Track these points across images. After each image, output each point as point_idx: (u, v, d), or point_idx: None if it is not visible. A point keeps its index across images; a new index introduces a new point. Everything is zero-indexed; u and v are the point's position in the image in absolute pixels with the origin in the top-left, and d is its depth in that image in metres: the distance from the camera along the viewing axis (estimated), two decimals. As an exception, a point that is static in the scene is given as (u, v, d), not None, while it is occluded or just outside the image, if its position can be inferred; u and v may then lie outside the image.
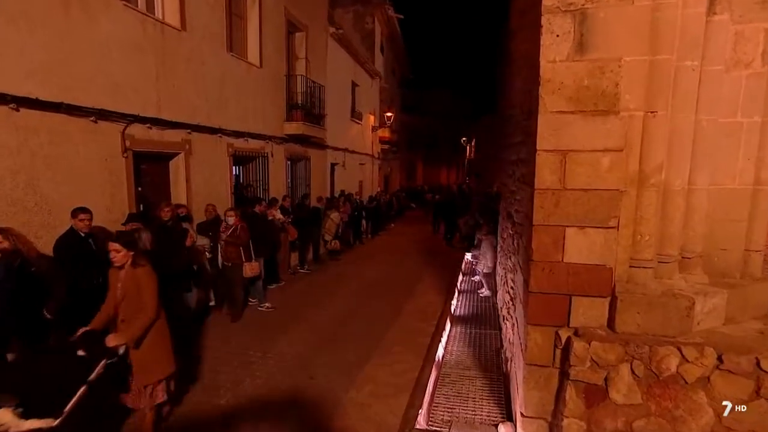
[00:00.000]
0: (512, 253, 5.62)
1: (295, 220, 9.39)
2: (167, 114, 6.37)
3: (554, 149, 3.26)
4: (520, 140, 5.69)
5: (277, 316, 7.10)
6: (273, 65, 9.48)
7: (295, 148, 10.60)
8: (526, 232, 3.94)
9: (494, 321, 7.07)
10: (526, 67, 4.93)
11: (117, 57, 5.47)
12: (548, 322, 3.45)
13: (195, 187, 7.08)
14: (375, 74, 17.82)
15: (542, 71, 3.22)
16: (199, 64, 7.06)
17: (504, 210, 7.79)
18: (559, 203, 3.31)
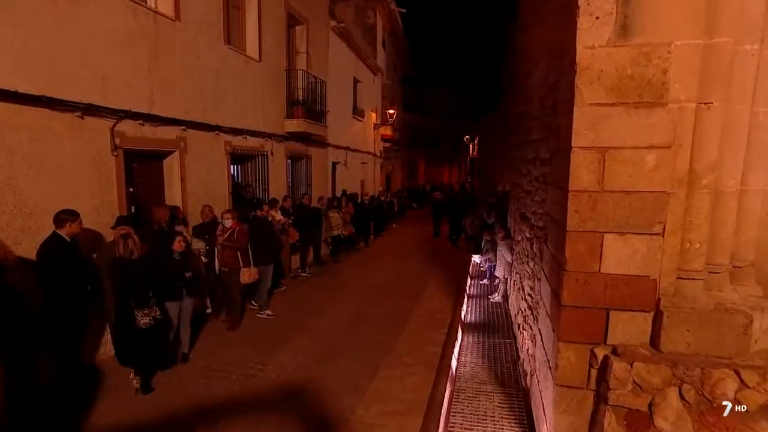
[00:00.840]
0: (530, 258, 5.30)
1: (296, 221, 9.06)
2: (161, 110, 6.03)
3: (592, 146, 2.94)
4: (538, 137, 5.36)
5: (278, 324, 6.78)
6: (273, 59, 9.14)
7: (295, 146, 10.27)
8: (553, 237, 3.62)
9: (507, 329, 6.75)
10: (548, 59, 4.61)
11: (106, 48, 5.14)
12: (582, 339, 3.13)
13: (191, 188, 6.74)
14: (377, 70, 17.49)
15: (579, 58, 2.89)
16: (195, 57, 6.72)
17: (516, 211, 7.47)
18: (596, 207, 2.98)
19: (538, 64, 5.52)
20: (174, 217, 6.10)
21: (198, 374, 5.12)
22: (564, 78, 3.54)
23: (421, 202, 26.82)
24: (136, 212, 5.89)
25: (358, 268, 10.71)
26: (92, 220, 4.98)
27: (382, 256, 12.16)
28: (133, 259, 4.33)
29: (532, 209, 5.61)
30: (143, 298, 4.36)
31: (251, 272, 6.45)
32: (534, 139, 5.70)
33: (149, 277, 4.45)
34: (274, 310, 7.31)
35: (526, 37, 7.43)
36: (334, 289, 8.80)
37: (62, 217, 4.27)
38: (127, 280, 4.30)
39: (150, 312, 4.37)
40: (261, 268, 7.02)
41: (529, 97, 6.32)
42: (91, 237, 4.88)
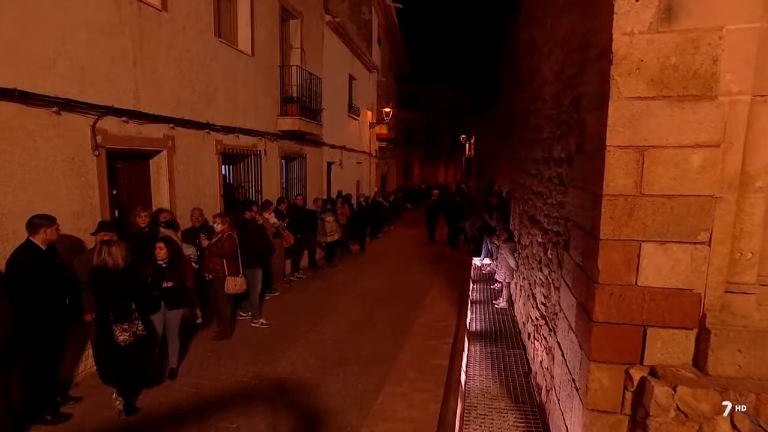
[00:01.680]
0: (543, 264, 5.02)
1: (290, 223, 8.73)
2: (146, 106, 5.68)
3: (629, 145, 2.66)
4: (550, 136, 5.09)
5: (273, 334, 6.45)
6: (266, 54, 8.80)
7: (289, 145, 9.93)
8: (578, 245, 3.33)
9: (515, 337, 6.48)
10: (564, 52, 4.32)
11: (86, 38, 4.78)
12: (616, 359, 2.85)
13: (179, 190, 6.39)
14: (373, 67, 17.17)
15: (615, 47, 2.60)
16: (183, 50, 6.37)
17: (523, 214, 7.20)
18: (633, 213, 2.70)
19: (548, 59, 5.25)
20: (157, 219, 5.75)
21: (188, 391, 4.78)
22: (589, 70, 3.26)
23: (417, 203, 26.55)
24: (120, 217, 5.54)
25: (354, 273, 10.39)
26: (71, 226, 4.62)
27: (378, 260, 11.85)
28: (110, 268, 3.98)
29: (544, 212, 5.34)
30: (123, 311, 4.02)
31: (237, 282, 6.04)
32: (545, 137, 5.42)
33: (129, 288, 4.10)
34: (269, 318, 6.97)
35: (531, 32, 7.16)
36: (330, 294, 8.48)
37: (36, 222, 3.92)
38: (104, 291, 3.95)
39: (130, 327, 4.02)
40: (249, 273, 6.69)
41: (538, 93, 6.05)
42: (69, 244, 4.52)
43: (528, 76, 7.40)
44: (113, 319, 3.95)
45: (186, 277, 5.14)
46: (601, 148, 2.80)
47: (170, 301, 4.85)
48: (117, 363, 4.04)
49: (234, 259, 6.05)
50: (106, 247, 4.02)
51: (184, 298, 5.05)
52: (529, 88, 7.11)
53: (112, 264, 3.98)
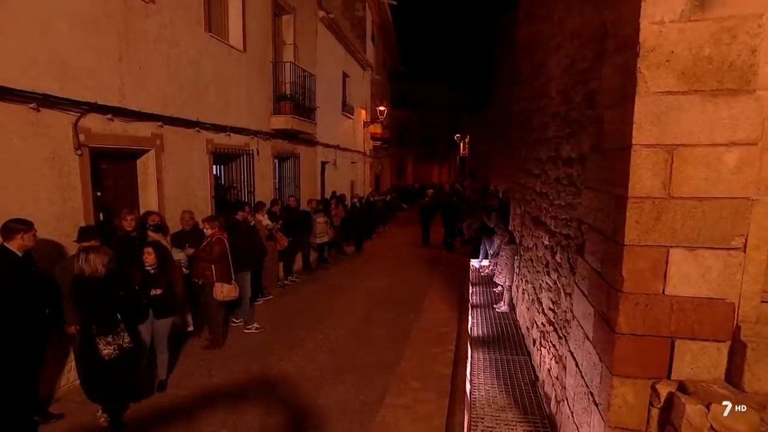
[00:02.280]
0: (551, 269, 4.84)
1: (284, 225, 8.49)
2: (133, 103, 5.42)
3: (657, 143, 2.47)
4: (557, 134, 4.91)
5: (267, 340, 6.22)
6: (258, 50, 8.55)
7: (283, 144, 9.68)
8: (596, 250, 3.15)
9: (519, 343, 6.29)
10: (575, 45, 4.14)
11: (67, 30, 4.52)
12: (641, 374, 2.67)
13: (168, 191, 6.13)
14: (366, 65, 16.95)
15: (642, 37, 2.42)
16: (172, 45, 6.11)
17: (525, 215, 7.03)
18: (661, 216, 2.52)
19: (555, 54, 5.07)
20: (144, 223, 5.49)
21: (178, 405, 4.54)
22: (607, 64, 3.08)
23: (411, 203, 26.38)
24: (105, 220, 5.27)
25: (349, 275, 10.18)
26: (51, 230, 4.36)
27: (374, 261, 11.65)
28: (89, 276, 3.72)
29: (550, 214, 5.17)
30: (106, 322, 3.77)
31: (225, 289, 5.75)
32: (551, 136, 5.25)
33: (111, 298, 3.85)
34: (263, 322, 6.75)
35: (532, 28, 7.00)
36: (326, 298, 8.26)
37: (11, 227, 3.65)
38: (85, 301, 3.69)
39: (115, 339, 3.78)
40: (239, 276, 6.45)
41: (542, 90, 5.87)
42: (49, 250, 4.26)
43: (529, 73, 7.23)
44: (96, 331, 3.70)
45: (175, 284, 4.89)
46: (624, 147, 2.61)
47: (159, 310, 4.61)
48: (102, 377, 3.80)
49: (223, 264, 5.79)
50: (83, 254, 3.76)
51: (173, 305, 4.80)
52: (531, 86, 6.94)
53: (90, 272, 3.72)
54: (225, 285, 5.77)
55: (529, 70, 7.31)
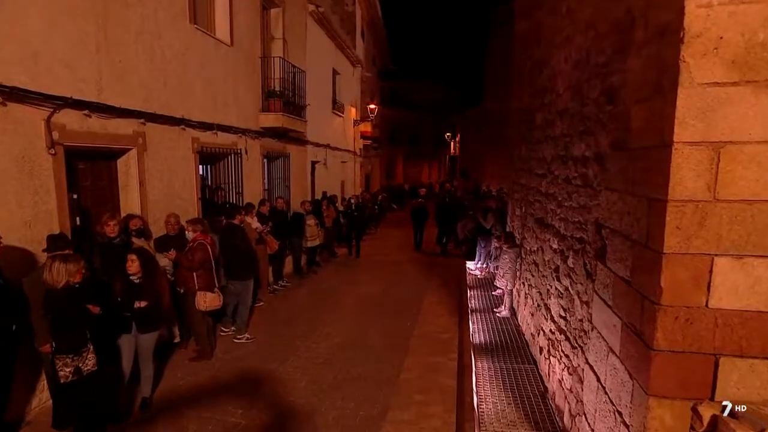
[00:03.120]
0: (563, 274, 4.63)
1: (274, 228, 8.17)
2: (112, 98, 5.07)
3: (701, 141, 2.25)
4: (566, 132, 4.70)
5: (260, 351, 5.90)
6: (246, 44, 8.22)
7: (272, 143, 9.36)
8: (623, 256, 2.93)
9: (523, 350, 6.08)
10: (591, 38, 3.93)
11: (39, 18, 4.16)
12: (681, 394, 2.45)
13: (152, 193, 5.78)
14: (357, 62, 16.67)
15: (687, 21, 2.19)
16: (155, 37, 5.76)
17: (528, 216, 6.83)
18: (705, 221, 2.30)
19: (564, 48, 4.86)
20: (127, 227, 5.14)
21: (163, 426, 4.21)
22: (635, 55, 2.86)
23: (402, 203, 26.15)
24: (83, 225, 4.91)
25: (342, 279, 9.90)
26: (21, 237, 4.01)
27: (367, 264, 11.37)
28: (59, 287, 3.39)
29: (559, 216, 4.96)
30: (69, 340, 3.42)
31: (208, 298, 5.38)
32: (558, 134, 5.04)
33: (80, 314, 3.50)
34: (254, 331, 6.44)
35: (533, 21, 6.80)
36: (318, 304, 7.96)
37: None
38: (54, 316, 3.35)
39: (74, 361, 3.42)
40: (239, 285, 6.14)
41: (547, 86, 5.67)
42: (18, 259, 3.91)
43: (529, 70, 7.04)
44: (56, 348, 3.36)
45: (162, 295, 4.55)
46: (661, 145, 2.39)
47: (143, 323, 4.27)
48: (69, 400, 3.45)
49: (206, 271, 5.39)
50: (49, 262, 3.42)
51: (159, 318, 4.47)
52: (532, 82, 6.74)
53: (52, 283, 3.38)
54: (208, 294, 5.40)
55: (530, 66, 7.11)
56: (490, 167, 21.84)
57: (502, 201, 10.19)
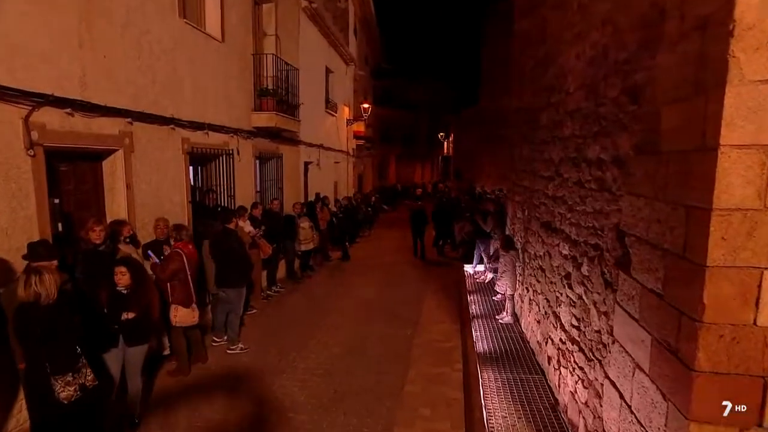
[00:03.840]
0: (576, 282, 4.44)
1: (267, 231, 7.91)
2: (97, 96, 4.79)
3: (752, 144, 2.08)
4: (579, 133, 4.52)
5: (254, 363, 5.65)
6: (238, 40, 7.95)
7: (264, 143, 9.09)
8: (653, 267, 2.74)
9: (529, 359, 5.91)
10: (609, 35, 3.75)
11: (15, 10, 3.88)
12: (725, 420, 2.27)
13: (139, 197, 5.50)
14: (350, 60, 16.43)
15: (738, 12, 2.01)
16: (142, 31, 5.48)
17: (532, 219, 6.66)
18: (754, 232, 2.13)
19: (575, 45, 4.69)
20: (115, 234, 4.86)
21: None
22: (666, 51, 2.68)
23: (394, 204, 25.95)
24: (66, 231, 4.63)
25: (337, 284, 9.66)
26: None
27: (361, 268, 11.13)
28: (43, 303, 3.12)
29: (569, 220, 4.78)
30: (63, 358, 3.16)
31: (180, 313, 4.97)
32: (569, 135, 4.87)
33: (69, 329, 3.24)
34: (247, 341, 6.18)
35: (537, 17, 6.63)
36: (314, 311, 7.72)
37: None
38: (36, 334, 3.08)
39: (76, 379, 3.18)
40: (232, 293, 5.89)
41: (552, 85, 5.50)
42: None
43: (532, 68, 6.87)
44: (51, 370, 3.09)
45: (151, 305, 4.27)
46: (703, 148, 2.21)
47: (131, 336, 4.01)
48: (58, 426, 3.19)
49: (180, 283, 4.96)
50: (35, 276, 3.14)
51: (148, 330, 4.20)
52: (536, 81, 6.57)
53: (46, 297, 3.12)
54: (180, 308, 5.01)
55: (532, 65, 6.95)
56: (485, 168, 21.72)
57: (500, 204, 10.01)
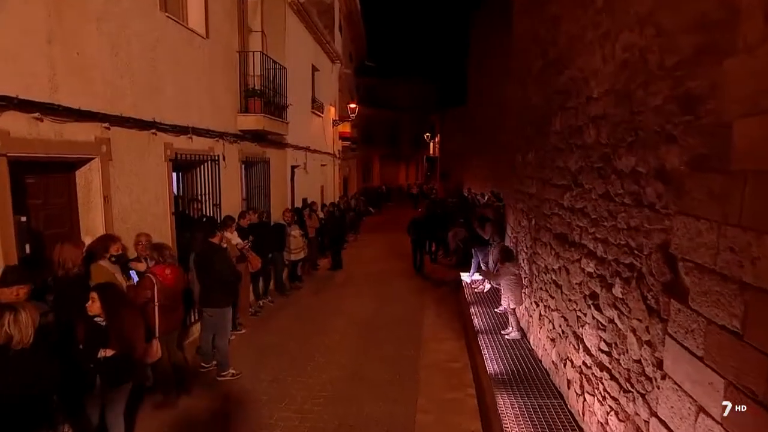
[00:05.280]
0: (606, 304, 4.17)
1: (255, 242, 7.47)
2: (69, 98, 4.30)
3: None
4: (602, 141, 4.26)
5: (248, 392, 5.24)
6: (223, 37, 7.48)
7: (251, 147, 8.63)
8: (732, 302, 2.46)
9: (543, 380, 5.62)
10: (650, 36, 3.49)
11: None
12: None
13: (118, 210, 5.01)
14: (336, 58, 16.00)
15: None
16: (120, 26, 5.00)
17: (541, 229, 6.39)
18: None
19: (598, 47, 4.43)
20: (94, 253, 4.39)
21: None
22: (746, 56, 2.40)
23: (380, 207, 25.60)
24: (35, 254, 4.13)
25: (328, 296, 9.27)
26: (-46, 276, 3.23)
27: (352, 278, 10.76)
28: (14, 348, 2.67)
29: (593, 235, 4.51)
30: (38, 417, 2.71)
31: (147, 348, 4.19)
32: (591, 143, 4.60)
33: (45, 378, 2.79)
34: (238, 365, 5.75)
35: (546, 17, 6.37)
36: (308, 328, 7.32)
37: None
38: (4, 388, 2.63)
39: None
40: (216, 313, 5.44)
41: (570, 89, 5.23)
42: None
43: (541, 70, 6.62)
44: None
45: (134, 339, 3.79)
46: None
47: (110, 377, 3.56)
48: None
49: (147, 313, 4.35)
50: (9, 314, 2.68)
51: (130, 368, 3.73)
52: (545, 83, 6.33)
53: (18, 342, 2.66)
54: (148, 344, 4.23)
55: (540, 66, 6.70)
56: (472, 169, 21.52)
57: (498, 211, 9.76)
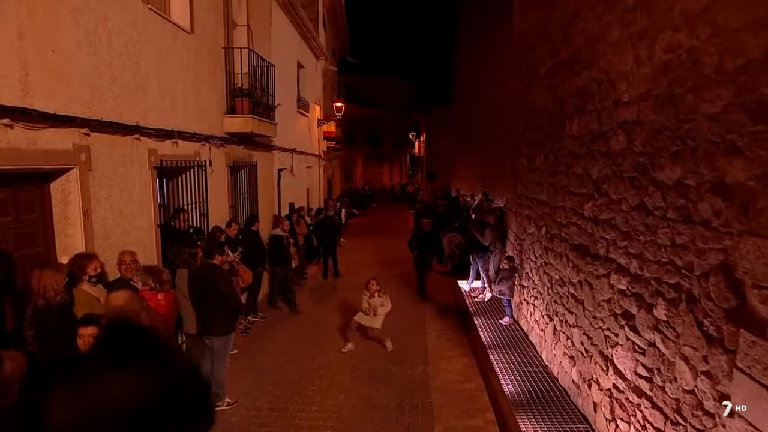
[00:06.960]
0: (645, 326, 3.95)
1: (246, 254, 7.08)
2: (44, 101, 3.86)
3: None
4: (634, 149, 4.06)
5: (246, 422, 4.90)
6: (208, 31, 7.06)
7: (238, 151, 8.21)
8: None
9: (564, 402, 5.40)
10: (706, 36, 3.28)
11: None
12: None
13: (99, 226, 4.57)
14: (321, 54, 15.60)
15: None
16: (99, 19, 4.57)
17: (554, 238, 6.18)
18: None
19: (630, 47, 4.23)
20: (73, 277, 3.95)
21: None
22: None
23: (364, 208, 25.27)
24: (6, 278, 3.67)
25: (322, 309, 8.92)
26: None
27: (345, 287, 10.40)
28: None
29: (624, 249, 4.30)
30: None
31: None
32: (621, 150, 4.40)
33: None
34: (234, 392, 5.40)
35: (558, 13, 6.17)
36: (305, 347, 6.98)
37: None
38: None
39: None
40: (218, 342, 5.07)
41: (591, 91, 5.03)
42: None
43: (551, 69, 6.43)
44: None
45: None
46: None
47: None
48: None
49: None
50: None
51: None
52: (558, 85, 6.14)
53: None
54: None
55: (549, 65, 6.50)
56: (459, 169, 21.33)
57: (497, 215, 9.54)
